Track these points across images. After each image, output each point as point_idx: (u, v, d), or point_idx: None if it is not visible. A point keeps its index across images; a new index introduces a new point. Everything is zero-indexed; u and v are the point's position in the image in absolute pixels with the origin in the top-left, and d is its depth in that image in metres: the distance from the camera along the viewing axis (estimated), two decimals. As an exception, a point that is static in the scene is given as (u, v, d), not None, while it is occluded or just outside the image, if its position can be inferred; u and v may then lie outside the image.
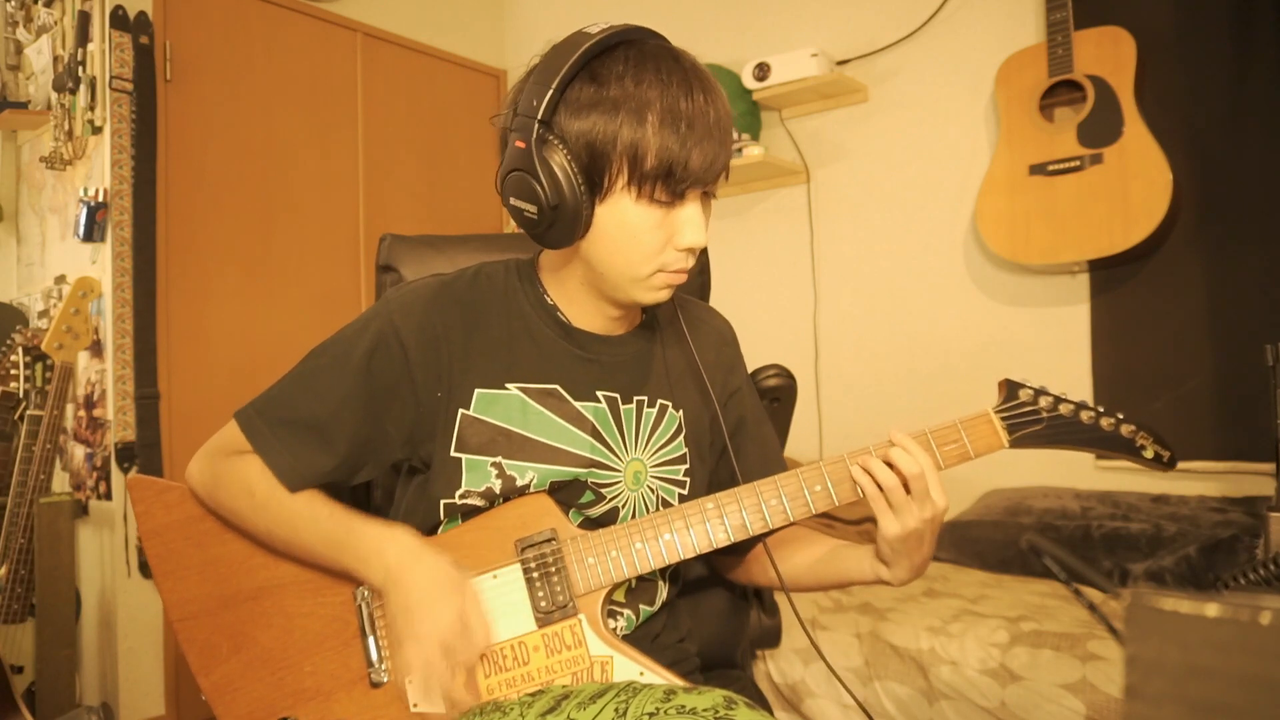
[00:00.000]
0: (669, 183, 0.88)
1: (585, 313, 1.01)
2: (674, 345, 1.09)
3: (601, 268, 0.94)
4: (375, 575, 0.94)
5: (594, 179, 0.89)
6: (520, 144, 0.88)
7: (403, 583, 0.91)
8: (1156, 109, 2.25)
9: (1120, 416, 0.98)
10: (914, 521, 0.94)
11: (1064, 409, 0.97)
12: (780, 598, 1.39)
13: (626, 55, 0.88)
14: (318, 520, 0.95)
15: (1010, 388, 0.98)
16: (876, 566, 1.00)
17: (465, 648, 0.90)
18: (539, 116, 0.87)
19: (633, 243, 0.91)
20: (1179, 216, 2.24)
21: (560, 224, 0.90)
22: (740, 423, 1.12)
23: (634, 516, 1.02)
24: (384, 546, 0.93)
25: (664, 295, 0.96)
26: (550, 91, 0.87)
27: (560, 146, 0.88)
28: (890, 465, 0.94)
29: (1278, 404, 1.52)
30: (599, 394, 1.01)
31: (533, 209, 0.90)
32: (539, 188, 0.88)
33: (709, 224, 0.96)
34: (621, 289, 0.95)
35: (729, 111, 0.91)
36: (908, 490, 0.93)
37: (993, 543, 2.20)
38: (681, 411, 1.07)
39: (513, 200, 0.91)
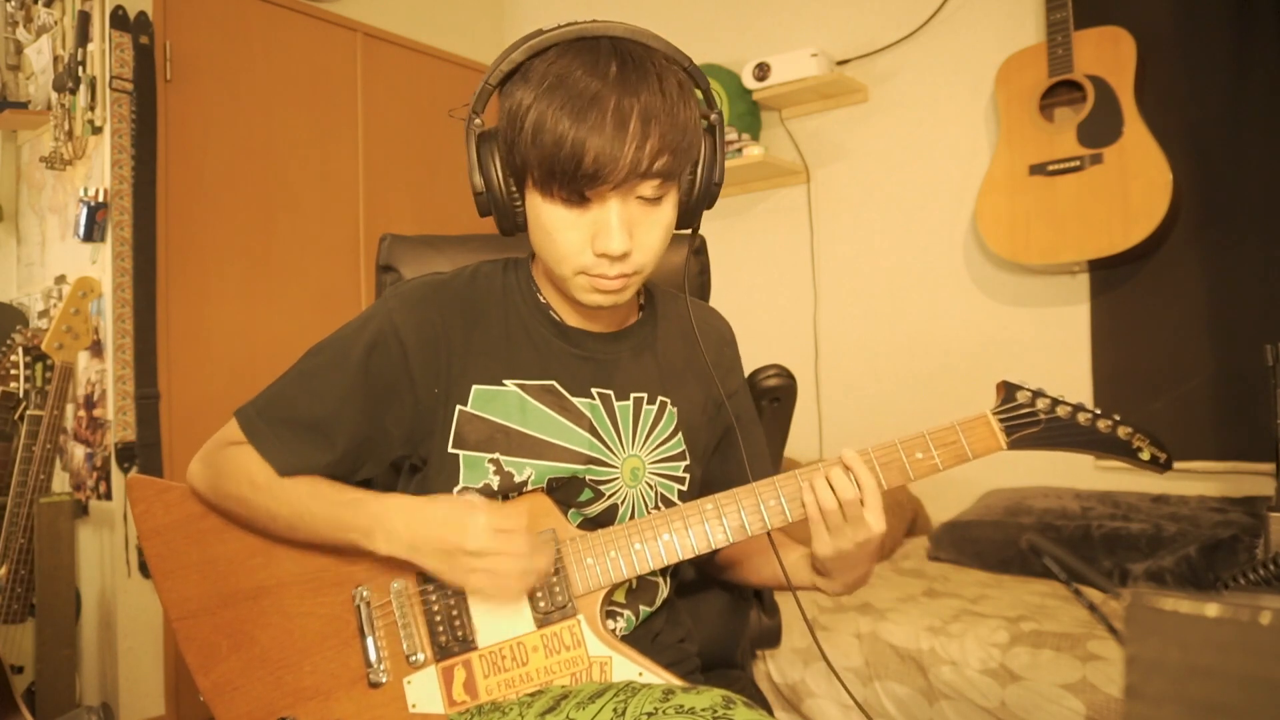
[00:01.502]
0: (565, 182, 0.85)
1: (572, 310, 1.02)
2: (673, 343, 1.09)
3: (543, 265, 0.98)
4: (383, 547, 0.91)
5: (515, 171, 0.91)
6: (465, 134, 0.93)
7: (423, 523, 0.90)
8: (1156, 109, 2.25)
9: (1117, 418, 0.98)
10: (845, 544, 0.94)
11: (1061, 411, 0.97)
12: (782, 597, 1.39)
13: (560, 53, 0.86)
14: (319, 496, 0.94)
15: (1008, 389, 0.99)
16: (813, 576, 1.03)
17: (499, 518, 0.89)
18: (472, 107, 0.91)
19: (548, 240, 0.92)
20: (1179, 216, 2.24)
21: (496, 213, 0.93)
22: (730, 427, 1.12)
23: (633, 514, 1.02)
24: (387, 513, 0.91)
25: (598, 299, 0.93)
26: (483, 84, 0.91)
27: (493, 139, 0.91)
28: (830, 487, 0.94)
29: (1278, 404, 1.52)
30: (594, 391, 1.02)
31: (474, 194, 0.93)
32: (474, 174, 0.92)
33: (659, 229, 0.91)
34: (562, 288, 0.97)
35: (660, 110, 0.84)
36: (844, 514, 0.93)
37: (993, 543, 2.20)
38: (679, 409, 1.07)
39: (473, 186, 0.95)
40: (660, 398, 1.05)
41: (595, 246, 0.88)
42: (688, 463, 1.06)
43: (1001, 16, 2.58)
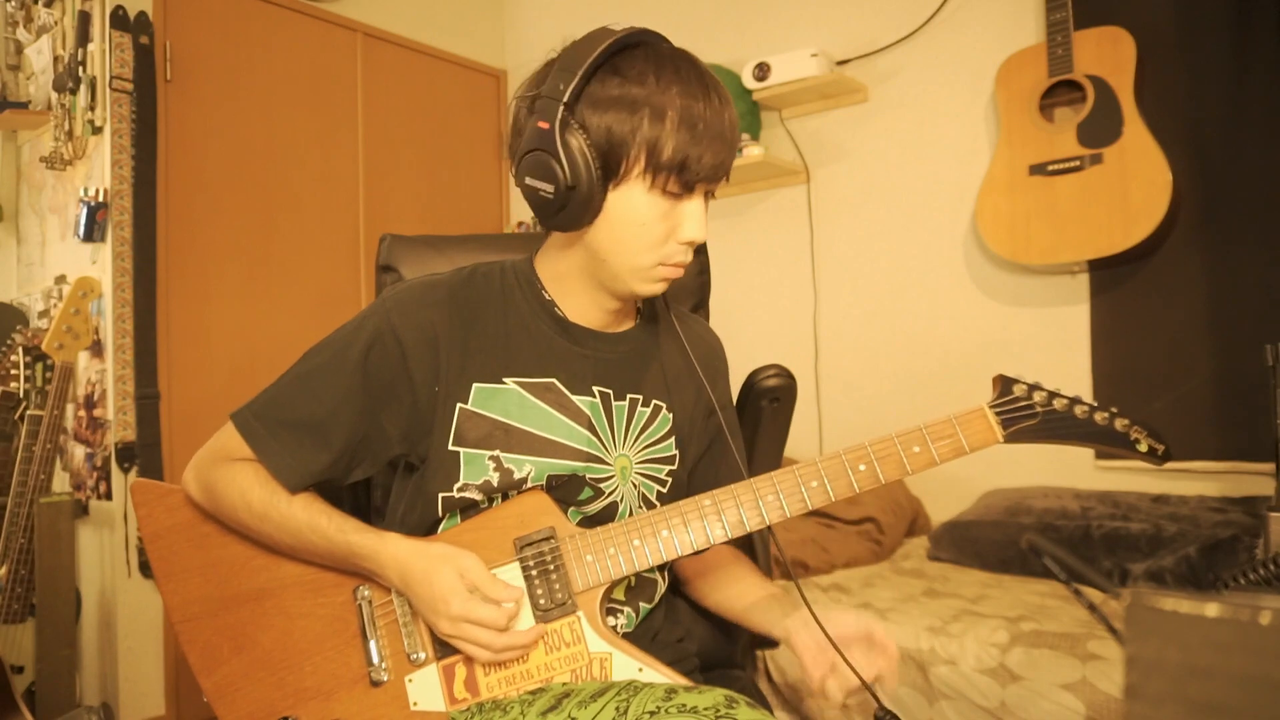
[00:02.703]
0: (682, 175, 0.91)
1: (582, 307, 1.03)
2: (670, 349, 1.11)
3: (605, 254, 0.96)
4: (381, 583, 0.98)
5: (610, 165, 0.91)
6: (543, 125, 0.90)
7: (409, 590, 0.94)
8: (1156, 109, 2.24)
9: (1114, 411, 0.99)
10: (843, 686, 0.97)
11: (1058, 404, 0.98)
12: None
13: (647, 55, 0.92)
14: (317, 531, 0.97)
15: (1004, 383, 0.99)
16: (769, 626, 1.06)
17: (481, 605, 0.92)
18: (564, 100, 0.90)
19: (640, 231, 0.94)
20: (1179, 216, 2.24)
21: (572, 206, 0.92)
22: (719, 435, 1.14)
23: (631, 513, 1.03)
24: (383, 563, 0.95)
25: (659, 288, 0.99)
26: (576, 79, 0.90)
27: (580, 131, 0.90)
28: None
29: (1278, 404, 1.52)
30: (595, 389, 1.02)
31: (549, 189, 0.92)
32: (558, 168, 0.90)
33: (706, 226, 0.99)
34: (621, 279, 0.97)
35: (736, 118, 0.95)
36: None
37: (993, 543, 2.20)
38: (674, 414, 1.08)
39: (529, 180, 0.93)
40: (655, 401, 1.07)
41: (682, 235, 0.95)
42: (674, 466, 1.08)
43: (1001, 16, 2.58)
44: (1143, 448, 0.98)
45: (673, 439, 1.07)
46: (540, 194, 0.92)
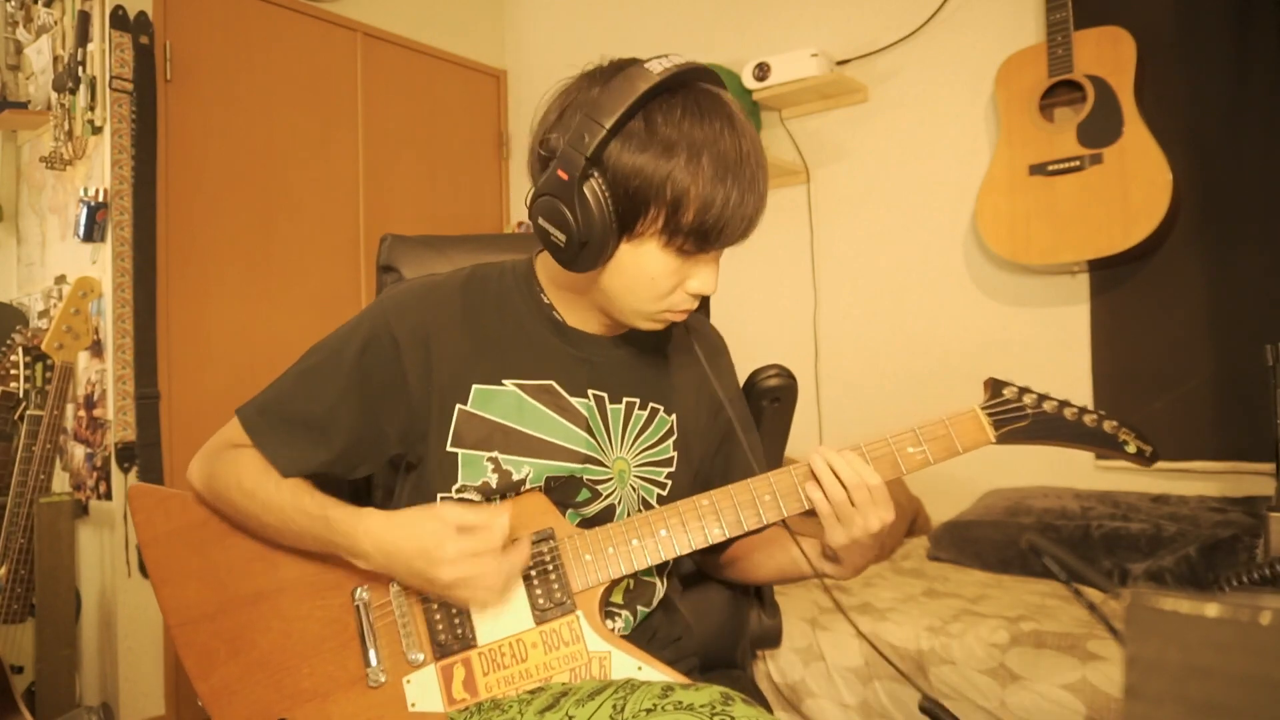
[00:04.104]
0: (700, 239, 0.89)
1: (580, 315, 1.03)
2: (668, 351, 1.11)
3: (611, 295, 0.96)
4: (361, 564, 0.95)
5: (627, 219, 0.89)
6: (563, 175, 0.87)
7: (393, 559, 0.92)
8: (1156, 109, 2.24)
9: (1103, 413, 1.00)
10: (857, 533, 0.96)
11: (1048, 406, 0.99)
12: (783, 596, 1.39)
13: (685, 105, 0.88)
14: (301, 510, 0.96)
15: (995, 386, 1.01)
16: (821, 563, 1.04)
17: (468, 543, 0.90)
18: (588, 154, 0.86)
19: (649, 284, 0.93)
20: (1179, 216, 2.24)
21: (584, 256, 0.90)
22: (730, 431, 1.14)
23: (629, 515, 1.03)
24: (358, 537, 0.93)
25: (659, 327, 0.99)
26: (604, 132, 0.85)
27: (602, 182, 0.87)
28: (836, 477, 0.95)
29: (1278, 404, 1.52)
30: (590, 391, 1.03)
31: (561, 237, 0.90)
32: (572, 220, 0.88)
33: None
34: (623, 314, 0.98)
35: (766, 182, 0.92)
36: (852, 502, 0.95)
37: (993, 543, 2.20)
38: (675, 416, 1.08)
39: (542, 222, 0.91)
40: (652, 404, 1.07)
41: (691, 288, 0.94)
42: (673, 469, 1.07)
43: (1001, 16, 2.58)
44: (1131, 449, 1.00)
45: (670, 441, 1.07)
46: (552, 238, 0.90)
